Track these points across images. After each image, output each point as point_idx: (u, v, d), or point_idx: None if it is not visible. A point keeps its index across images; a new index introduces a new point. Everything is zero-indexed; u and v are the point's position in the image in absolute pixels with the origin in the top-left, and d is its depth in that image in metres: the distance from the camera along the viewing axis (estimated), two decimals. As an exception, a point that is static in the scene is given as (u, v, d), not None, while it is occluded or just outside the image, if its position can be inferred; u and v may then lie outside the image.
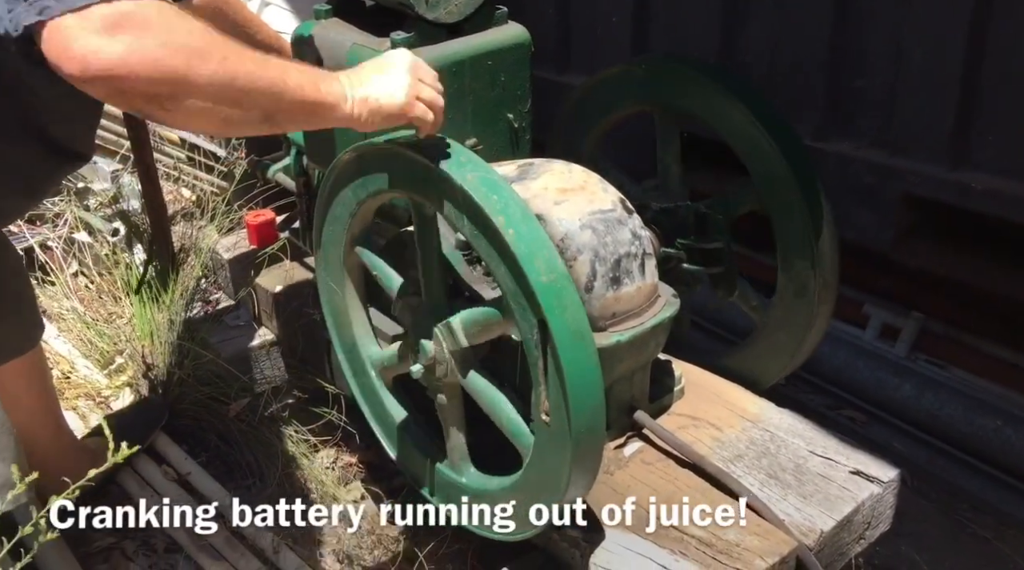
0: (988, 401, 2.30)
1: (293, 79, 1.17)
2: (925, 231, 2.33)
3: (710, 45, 2.50)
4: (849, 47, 2.26)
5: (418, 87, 1.31)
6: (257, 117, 1.15)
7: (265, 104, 1.14)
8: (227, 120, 1.12)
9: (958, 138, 2.14)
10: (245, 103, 1.12)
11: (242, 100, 1.11)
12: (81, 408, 2.29)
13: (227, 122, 1.12)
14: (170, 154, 3.26)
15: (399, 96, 1.29)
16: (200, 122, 1.14)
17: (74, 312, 2.53)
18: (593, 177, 1.63)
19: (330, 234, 1.64)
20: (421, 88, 1.32)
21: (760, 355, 1.90)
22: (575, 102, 2.04)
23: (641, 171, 2.01)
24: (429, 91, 1.33)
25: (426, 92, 1.33)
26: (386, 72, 1.30)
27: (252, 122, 1.16)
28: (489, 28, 1.70)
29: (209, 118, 1.10)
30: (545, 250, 1.28)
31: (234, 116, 1.12)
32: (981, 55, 2.05)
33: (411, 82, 1.31)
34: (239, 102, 1.11)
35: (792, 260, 1.77)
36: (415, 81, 1.31)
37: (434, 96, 1.34)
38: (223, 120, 1.11)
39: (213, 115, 1.10)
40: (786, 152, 1.70)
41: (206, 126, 1.14)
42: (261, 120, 1.16)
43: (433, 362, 1.48)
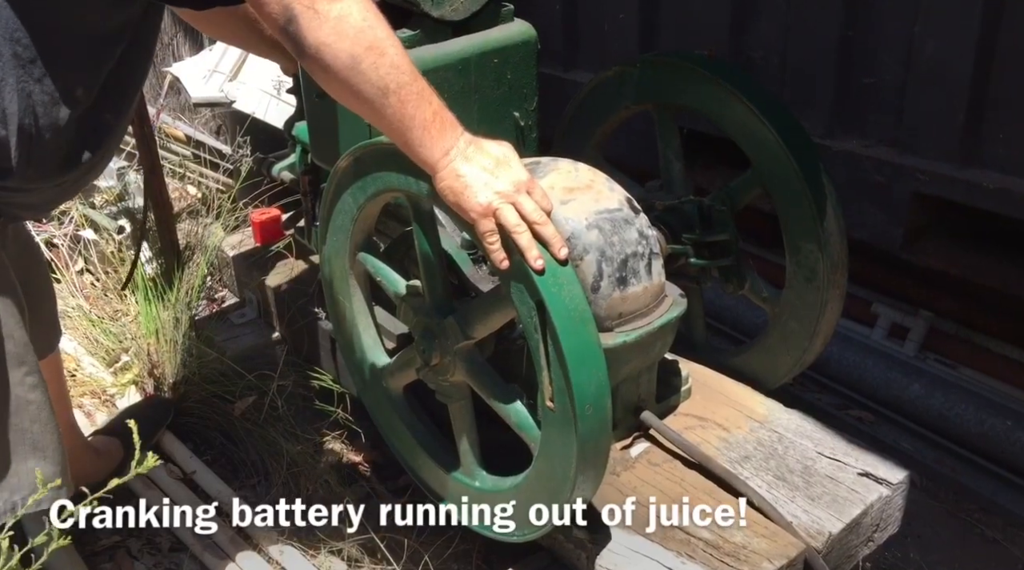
0: (998, 401, 2.28)
1: (412, 105, 1.19)
2: (935, 230, 2.31)
3: (719, 41, 2.49)
4: (859, 44, 2.24)
5: (504, 207, 1.21)
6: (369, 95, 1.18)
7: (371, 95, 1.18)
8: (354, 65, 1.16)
9: (968, 136, 2.12)
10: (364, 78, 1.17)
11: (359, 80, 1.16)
12: (87, 406, 2.29)
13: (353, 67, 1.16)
14: (176, 151, 3.27)
15: (479, 198, 1.21)
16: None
17: (80, 310, 2.53)
18: (600, 176, 1.61)
19: (334, 244, 1.63)
20: (506, 210, 1.21)
21: (773, 347, 1.89)
22: (573, 108, 2.04)
23: (644, 173, 2.00)
24: (513, 217, 1.21)
25: (510, 218, 1.21)
26: (494, 166, 1.23)
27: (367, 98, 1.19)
28: (495, 26, 1.69)
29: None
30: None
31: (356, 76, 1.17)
32: (992, 52, 2.03)
33: (502, 192, 1.21)
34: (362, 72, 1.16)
35: (799, 244, 1.76)
36: (505, 199, 1.21)
37: (516, 223, 1.21)
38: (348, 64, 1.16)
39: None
40: (786, 136, 1.70)
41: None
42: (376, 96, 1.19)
43: (439, 361, 1.47)
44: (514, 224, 1.21)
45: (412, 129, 1.20)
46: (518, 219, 1.22)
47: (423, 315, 1.50)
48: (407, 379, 1.65)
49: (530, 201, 1.23)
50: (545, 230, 1.23)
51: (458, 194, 1.22)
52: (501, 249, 1.23)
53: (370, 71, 1.16)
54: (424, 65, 1.58)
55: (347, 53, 1.15)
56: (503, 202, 1.21)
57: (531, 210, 1.22)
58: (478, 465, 1.56)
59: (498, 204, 1.21)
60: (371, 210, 1.55)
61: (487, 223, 1.22)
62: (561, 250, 1.24)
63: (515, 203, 1.22)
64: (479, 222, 1.22)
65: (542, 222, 1.23)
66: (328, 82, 1.20)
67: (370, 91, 1.17)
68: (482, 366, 1.48)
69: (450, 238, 1.59)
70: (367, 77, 1.16)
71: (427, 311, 1.49)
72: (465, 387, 1.51)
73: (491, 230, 1.22)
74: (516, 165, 1.25)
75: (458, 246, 1.60)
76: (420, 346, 1.51)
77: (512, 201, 1.22)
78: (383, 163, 1.43)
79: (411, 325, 1.55)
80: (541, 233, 1.23)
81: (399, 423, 1.70)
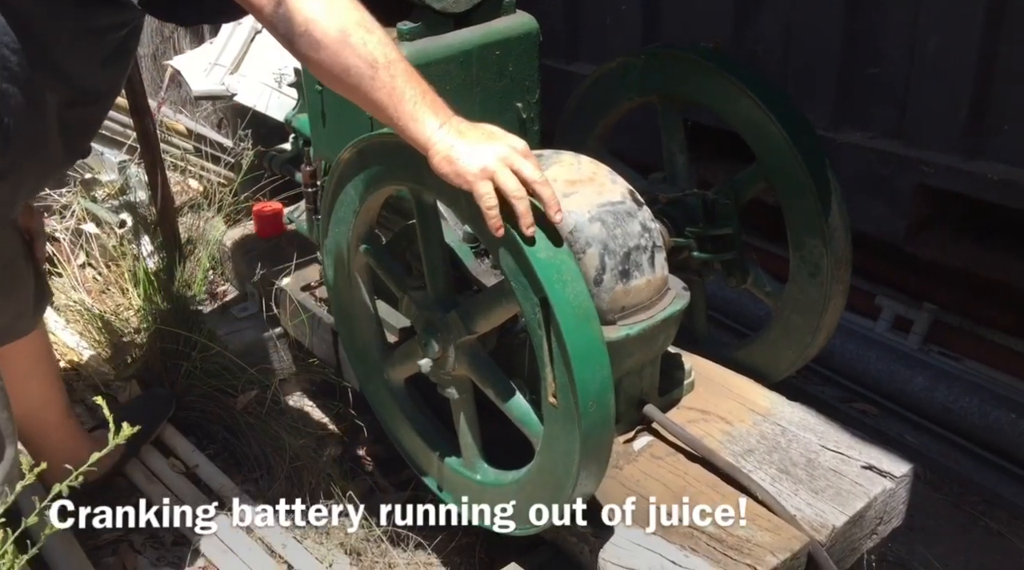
0: (1002, 394, 2.27)
1: (399, 82, 1.19)
2: (939, 222, 2.30)
3: (722, 33, 2.47)
4: (863, 35, 2.23)
5: (503, 171, 1.20)
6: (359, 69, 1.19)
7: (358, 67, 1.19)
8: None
9: (973, 128, 2.11)
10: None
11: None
12: (88, 400, 2.29)
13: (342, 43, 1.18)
14: (177, 145, 3.26)
15: (475, 162, 1.19)
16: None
17: (81, 304, 2.52)
18: (602, 169, 1.61)
19: (336, 237, 1.63)
20: (505, 173, 1.20)
21: (776, 341, 1.89)
22: (576, 100, 2.03)
23: (647, 165, 1.99)
24: (512, 181, 1.20)
25: (510, 182, 1.20)
26: (487, 137, 1.22)
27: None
28: (497, 17, 1.68)
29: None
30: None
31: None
32: (996, 43, 2.02)
33: (499, 157, 1.20)
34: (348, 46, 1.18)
35: (803, 239, 1.75)
36: (502, 161, 1.20)
37: (516, 188, 1.19)
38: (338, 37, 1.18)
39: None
40: (791, 130, 1.69)
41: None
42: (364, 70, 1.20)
43: (441, 355, 1.47)
44: (514, 189, 1.19)
45: (403, 102, 1.19)
46: (518, 185, 1.19)
47: (426, 309, 1.50)
48: (408, 372, 1.65)
49: (528, 163, 1.21)
50: (545, 190, 1.21)
51: (453, 162, 1.20)
52: (498, 216, 1.20)
53: (359, 45, 1.17)
54: (426, 57, 1.58)
55: (336, 27, 1.16)
56: (501, 166, 1.20)
57: (530, 171, 1.20)
58: (480, 459, 1.56)
59: (496, 166, 1.19)
60: (374, 203, 1.54)
61: (485, 185, 1.19)
62: (557, 214, 1.22)
63: (513, 167, 1.20)
64: (476, 184, 1.19)
65: (543, 182, 1.21)
66: (320, 60, 1.20)
67: (360, 65, 1.18)
68: (485, 360, 1.47)
69: (452, 232, 1.59)
70: (357, 51, 1.17)
71: (430, 305, 1.49)
72: (467, 381, 1.51)
73: (489, 193, 1.19)
74: (512, 137, 1.24)
75: (460, 239, 1.59)
76: (423, 340, 1.50)
77: (510, 164, 1.20)
78: (387, 155, 1.42)
79: (413, 319, 1.55)
80: (541, 192, 1.21)
81: (401, 416, 1.70)
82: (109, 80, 1.49)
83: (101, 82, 1.46)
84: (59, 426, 1.88)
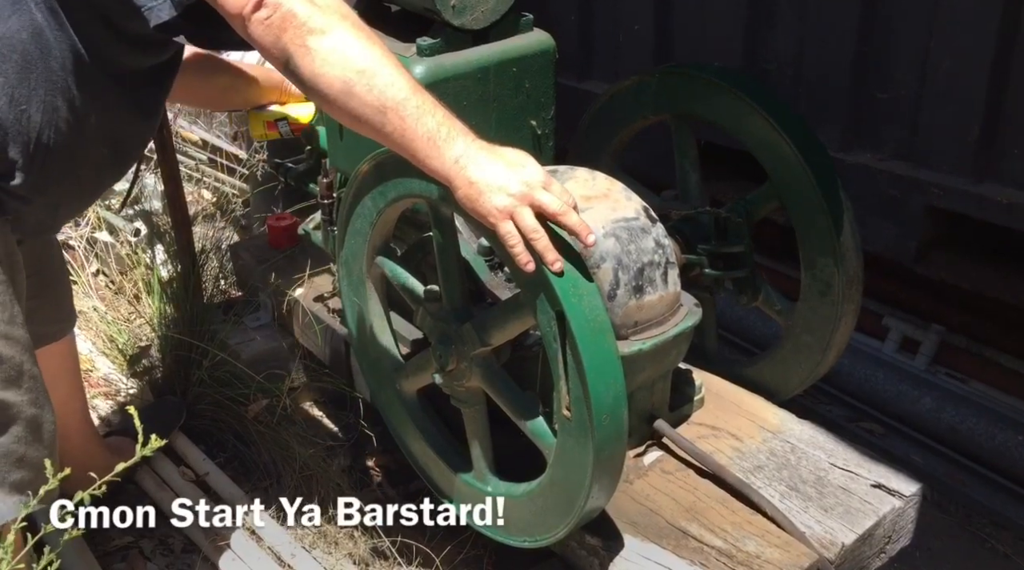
0: (1009, 415, 2.28)
1: (412, 111, 1.19)
2: (947, 244, 2.31)
3: (734, 53, 2.50)
4: (874, 57, 2.25)
5: (522, 210, 1.19)
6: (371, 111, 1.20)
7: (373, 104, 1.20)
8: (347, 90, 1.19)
9: (983, 151, 2.13)
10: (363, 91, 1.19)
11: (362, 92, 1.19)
12: (101, 407, 2.31)
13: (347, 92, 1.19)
14: (192, 156, 3.29)
15: (494, 202, 1.19)
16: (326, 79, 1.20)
17: (95, 311, 2.54)
18: (617, 185, 1.62)
19: (352, 248, 1.64)
20: (523, 213, 1.19)
21: (785, 360, 1.90)
22: (590, 117, 2.05)
23: (660, 183, 2.01)
24: (530, 221, 1.19)
25: (527, 221, 1.19)
26: (506, 166, 1.21)
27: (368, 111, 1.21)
28: (514, 35, 1.70)
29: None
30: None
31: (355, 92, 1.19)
32: (1007, 67, 2.03)
33: (519, 195, 1.19)
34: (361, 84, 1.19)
35: (815, 258, 1.76)
36: (522, 199, 1.19)
37: (533, 228, 1.19)
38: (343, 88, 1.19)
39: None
40: (804, 150, 1.71)
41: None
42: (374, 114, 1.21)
43: (455, 367, 1.48)
44: (531, 228, 1.19)
45: (415, 141, 1.20)
46: (535, 223, 1.20)
47: (440, 320, 1.51)
48: (421, 383, 1.66)
49: (549, 195, 1.21)
50: (569, 220, 1.21)
51: (474, 201, 1.21)
52: (525, 252, 1.21)
53: (364, 93, 1.18)
54: (444, 73, 1.60)
55: (339, 80, 1.18)
56: (519, 205, 1.20)
57: (551, 203, 1.20)
58: (491, 470, 1.57)
59: (513, 206, 1.20)
60: (390, 215, 1.56)
61: (507, 226, 1.20)
62: (589, 237, 1.22)
63: (533, 203, 1.20)
64: (499, 226, 1.21)
65: (564, 213, 1.21)
66: (329, 109, 1.23)
67: (368, 112, 1.19)
68: (498, 373, 1.49)
69: (467, 244, 1.60)
70: (362, 99, 1.19)
71: (444, 317, 1.50)
72: (480, 393, 1.52)
73: (511, 233, 1.20)
74: (531, 165, 1.23)
75: (475, 252, 1.61)
76: (437, 351, 1.52)
77: (529, 201, 1.20)
78: (404, 169, 1.44)
79: (428, 330, 1.56)
80: (566, 223, 1.21)
81: (412, 427, 1.71)
82: (154, 101, 1.53)
83: (146, 103, 1.50)
84: (79, 430, 1.90)
